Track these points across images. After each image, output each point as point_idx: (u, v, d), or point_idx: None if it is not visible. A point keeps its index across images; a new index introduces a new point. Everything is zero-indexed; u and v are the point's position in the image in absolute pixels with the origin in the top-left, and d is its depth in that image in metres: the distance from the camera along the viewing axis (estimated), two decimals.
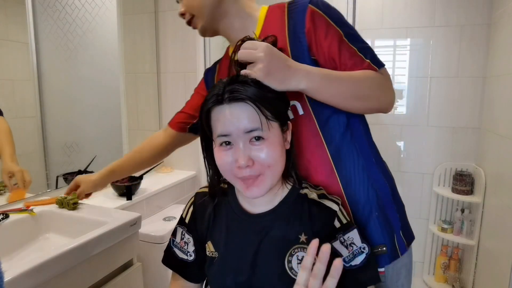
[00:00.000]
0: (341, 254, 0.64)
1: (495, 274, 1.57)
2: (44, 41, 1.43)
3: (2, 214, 1.11)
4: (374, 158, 0.77)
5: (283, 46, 0.71)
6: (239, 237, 0.68)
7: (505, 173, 1.54)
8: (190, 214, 0.75)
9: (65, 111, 1.57)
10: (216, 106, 0.61)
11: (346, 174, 0.73)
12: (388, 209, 0.75)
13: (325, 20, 0.70)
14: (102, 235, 1.02)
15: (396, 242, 0.74)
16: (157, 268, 1.59)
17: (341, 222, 0.65)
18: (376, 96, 0.70)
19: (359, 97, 0.69)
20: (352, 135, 0.74)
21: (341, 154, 0.73)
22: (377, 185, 0.74)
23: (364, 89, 0.68)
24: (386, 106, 0.72)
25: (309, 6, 0.70)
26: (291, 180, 0.70)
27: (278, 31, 0.72)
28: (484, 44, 1.82)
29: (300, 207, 0.67)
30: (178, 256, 0.75)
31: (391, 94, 0.72)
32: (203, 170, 2.12)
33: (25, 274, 0.80)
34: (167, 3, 2.06)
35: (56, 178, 1.50)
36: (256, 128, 0.59)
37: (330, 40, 0.69)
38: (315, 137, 0.73)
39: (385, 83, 0.71)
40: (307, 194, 0.69)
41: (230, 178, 0.64)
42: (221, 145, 0.62)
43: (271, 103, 0.61)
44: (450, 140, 1.94)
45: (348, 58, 0.70)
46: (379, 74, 0.70)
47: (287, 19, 0.73)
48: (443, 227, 1.94)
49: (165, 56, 2.11)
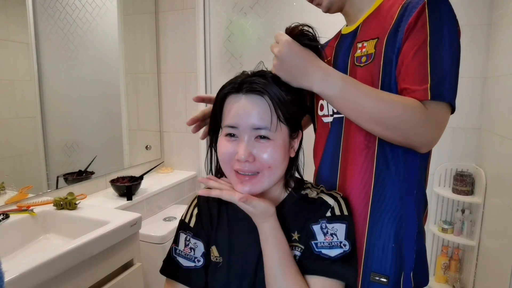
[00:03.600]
0: (316, 237, 0.63)
1: (496, 275, 1.57)
2: (44, 41, 1.43)
3: (2, 214, 1.11)
4: (416, 190, 0.70)
5: (381, 42, 0.66)
6: (242, 241, 0.68)
7: (506, 174, 1.54)
8: (195, 217, 0.72)
9: (65, 111, 1.58)
10: (232, 94, 0.61)
11: (382, 193, 0.69)
12: (406, 246, 0.70)
13: (427, 18, 0.61)
14: (102, 235, 1.02)
15: (401, 281, 0.69)
16: (157, 268, 1.58)
17: (333, 213, 0.64)
18: (404, 130, 0.60)
19: (381, 124, 0.61)
20: (406, 161, 0.69)
21: (386, 174, 0.69)
22: (406, 218, 0.69)
23: (390, 117, 0.59)
24: (418, 145, 0.62)
25: (425, 1, 0.62)
26: (293, 185, 0.70)
27: (383, 22, 0.68)
28: (485, 44, 1.82)
29: (300, 208, 0.67)
30: (183, 265, 0.70)
31: (426, 134, 0.60)
32: (203, 170, 2.12)
33: (25, 274, 0.80)
34: (167, 3, 2.06)
35: (56, 178, 1.50)
36: (265, 127, 0.58)
37: (413, 39, 0.62)
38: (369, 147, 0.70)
39: (424, 121, 0.59)
40: (307, 194, 0.68)
41: (227, 170, 0.62)
42: (226, 135, 0.61)
43: (286, 106, 0.60)
44: (450, 141, 1.93)
45: (413, 68, 0.61)
46: (423, 108, 0.59)
47: (399, 10, 0.66)
48: (443, 227, 1.93)
49: (165, 56, 2.11)
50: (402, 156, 0.68)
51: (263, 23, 1.96)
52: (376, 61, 0.67)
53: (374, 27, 0.70)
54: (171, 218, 1.76)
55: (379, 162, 0.69)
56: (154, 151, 2.14)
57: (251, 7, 1.96)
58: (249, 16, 1.98)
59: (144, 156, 2.06)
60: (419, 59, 0.61)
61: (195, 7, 1.99)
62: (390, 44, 0.65)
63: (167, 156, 2.21)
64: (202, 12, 1.99)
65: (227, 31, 2.03)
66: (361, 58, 0.70)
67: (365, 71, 0.68)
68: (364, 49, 0.70)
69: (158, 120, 2.17)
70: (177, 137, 2.17)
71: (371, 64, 0.68)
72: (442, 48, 0.61)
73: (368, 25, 0.72)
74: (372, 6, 0.73)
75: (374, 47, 0.68)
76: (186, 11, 2.02)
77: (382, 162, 0.69)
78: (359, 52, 0.71)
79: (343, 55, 0.76)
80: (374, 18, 0.71)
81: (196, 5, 1.99)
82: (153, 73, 2.11)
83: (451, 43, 0.61)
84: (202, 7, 1.98)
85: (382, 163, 0.69)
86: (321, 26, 0.70)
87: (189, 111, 2.10)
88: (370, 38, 0.69)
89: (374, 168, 0.69)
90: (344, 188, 0.73)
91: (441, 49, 0.61)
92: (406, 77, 0.62)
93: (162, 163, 2.19)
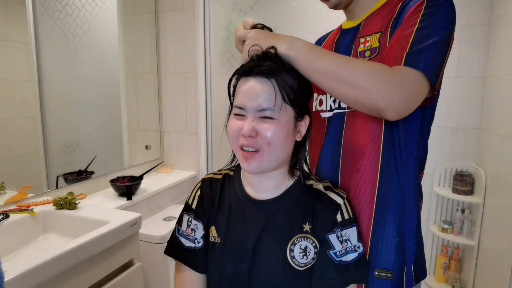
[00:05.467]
0: (334, 247, 0.65)
1: (496, 275, 1.57)
2: (44, 41, 1.43)
3: (2, 214, 1.11)
4: (415, 184, 0.72)
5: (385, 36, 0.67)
6: (241, 223, 0.69)
7: (506, 174, 1.54)
8: (197, 199, 0.74)
9: (65, 111, 1.58)
10: (242, 77, 0.64)
11: (386, 189, 0.70)
12: (408, 239, 0.71)
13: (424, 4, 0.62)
14: (102, 235, 1.02)
15: (404, 274, 0.71)
16: (157, 268, 1.59)
17: (343, 217, 0.66)
18: (367, 88, 0.58)
19: (344, 82, 0.59)
20: (407, 157, 0.70)
21: (390, 170, 0.69)
22: (407, 212, 0.71)
23: (354, 74, 0.59)
24: (383, 107, 0.58)
25: None
26: (297, 174, 0.71)
27: (386, 17, 0.69)
28: (484, 44, 1.82)
29: (305, 198, 0.68)
30: (184, 245, 0.72)
31: (390, 94, 0.57)
32: (203, 170, 2.12)
33: (25, 274, 0.80)
34: (167, 3, 2.06)
35: (56, 178, 1.50)
36: (269, 108, 0.61)
37: (405, 22, 0.63)
38: (374, 142, 0.70)
39: (388, 79, 0.58)
40: (312, 185, 0.69)
41: (235, 147, 0.65)
42: (235, 115, 0.64)
43: (291, 88, 0.62)
44: (450, 140, 1.93)
45: (396, 41, 0.62)
46: (389, 68, 0.59)
47: (399, 7, 0.68)
48: (443, 227, 1.93)
49: (165, 56, 2.11)
50: (404, 149, 0.69)
51: (263, 23, 1.95)
52: (381, 55, 0.67)
53: (377, 22, 0.71)
54: (171, 218, 1.76)
55: (384, 157, 0.70)
56: (154, 151, 2.14)
57: (251, 7, 1.96)
58: (249, 16, 1.98)
59: (144, 156, 2.06)
60: (405, 34, 0.62)
61: (195, 7, 1.99)
62: (391, 35, 0.66)
63: (167, 156, 2.21)
64: (202, 12, 1.99)
65: (227, 31, 2.03)
66: (365, 53, 0.70)
67: None
68: (368, 43, 0.70)
69: (158, 120, 2.17)
70: (177, 137, 2.17)
71: (375, 58, 0.68)
72: (431, 27, 0.60)
73: (371, 21, 0.73)
74: (376, 4, 0.74)
75: (378, 41, 0.68)
76: (186, 11, 2.02)
77: (386, 157, 0.69)
78: (362, 47, 0.71)
79: (344, 50, 0.76)
80: (377, 15, 0.72)
81: (196, 5, 1.99)
82: (153, 73, 2.11)
83: (442, 29, 0.61)
84: (202, 7, 1.98)
85: (386, 158, 0.69)
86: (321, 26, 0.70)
87: (189, 111, 2.11)
88: (373, 32, 0.70)
89: (379, 164, 0.70)
90: (347, 185, 0.73)
91: (429, 28, 0.60)
92: (388, 50, 0.63)
93: (162, 163, 2.19)
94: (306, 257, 0.65)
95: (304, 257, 0.65)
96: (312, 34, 0.93)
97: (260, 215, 0.67)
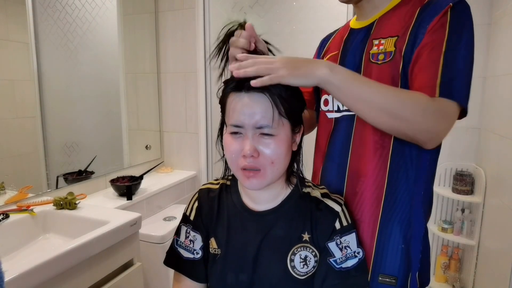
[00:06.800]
0: (334, 255, 0.64)
1: (496, 274, 1.57)
2: (44, 41, 1.43)
3: (2, 214, 1.11)
4: (424, 191, 0.70)
5: (402, 41, 0.66)
6: (241, 235, 0.68)
7: (506, 173, 1.54)
8: (195, 210, 0.74)
9: (65, 111, 1.57)
10: (234, 92, 0.61)
11: (393, 194, 0.69)
12: (414, 246, 0.70)
13: (448, 20, 0.61)
14: (102, 235, 1.02)
15: (409, 281, 0.70)
16: (157, 268, 1.59)
17: (341, 224, 0.66)
18: (411, 121, 0.58)
19: (389, 113, 0.58)
20: (419, 163, 0.69)
21: (398, 176, 0.69)
22: (414, 219, 0.70)
23: (398, 106, 0.58)
24: (424, 139, 0.60)
25: (450, 4, 0.62)
26: (294, 181, 0.70)
27: (403, 20, 0.67)
28: (484, 44, 1.82)
29: (303, 206, 0.67)
30: (183, 256, 0.73)
31: (432, 126, 0.59)
32: (203, 170, 2.12)
33: (25, 274, 0.80)
34: (167, 3, 2.06)
35: (56, 178, 1.50)
36: (267, 125, 0.59)
37: (430, 39, 0.61)
38: (384, 146, 0.69)
39: (431, 112, 0.58)
40: (309, 192, 0.69)
41: (234, 168, 0.63)
42: (231, 133, 0.62)
43: (287, 100, 0.60)
44: (450, 140, 1.93)
45: (425, 65, 0.60)
46: (430, 99, 0.59)
47: (419, 10, 0.66)
48: (443, 227, 1.93)
49: (165, 56, 2.11)
50: (415, 156, 0.68)
51: (263, 23, 1.95)
52: (396, 60, 0.66)
53: (393, 24, 0.69)
54: (171, 218, 1.76)
55: (393, 162, 0.69)
56: (154, 151, 2.14)
57: (251, 7, 1.96)
58: (249, 16, 1.97)
59: (144, 156, 2.06)
60: (432, 58, 0.61)
61: (194, 7, 1.99)
62: (411, 43, 0.65)
63: (167, 156, 2.21)
64: (202, 12, 1.99)
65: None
66: (378, 56, 0.69)
67: (383, 69, 0.67)
68: (382, 46, 0.69)
69: (158, 120, 2.17)
70: (177, 137, 2.17)
71: (390, 62, 0.67)
72: (458, 50, 0.61)
73: (385, 22, 0.71)
74: (389, 5, 0.72)
75: (394, 45, 0.67)
76: (186, 11, 2.02)
77: (395, 162, 0.69)
78: (375, 49, 0.70)
79: (354, 50, 0.74)
80: (392, 16, 0.71)
81: (196, 5, 1.99)
82: (153, 72, 2.11)
83: (468, 48, 0.61)
84: (201, 6, 1.98)
85: (395, 163, 0.69)
86: (321, 26, 0.70)
87: (189, 111, 2.11)
88: (389, 35, 0.68)
89: (387, 169, 0.69)
90: (354, 189, 0.73)
91: (456, 50, 0.60)
92: (418, 74, 0.62)
93: (162, 163, 2.19)
94: (306, 266, 0.65)
95: (305, 266, 0.65)
96: (312, 34, 0.92)
97: (260, 226, 0.67)
